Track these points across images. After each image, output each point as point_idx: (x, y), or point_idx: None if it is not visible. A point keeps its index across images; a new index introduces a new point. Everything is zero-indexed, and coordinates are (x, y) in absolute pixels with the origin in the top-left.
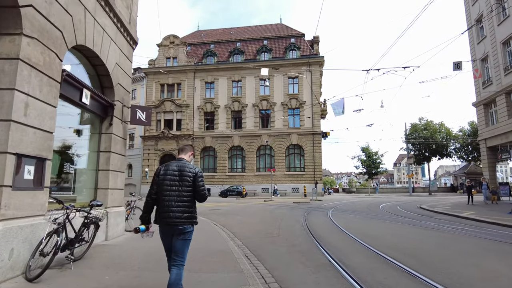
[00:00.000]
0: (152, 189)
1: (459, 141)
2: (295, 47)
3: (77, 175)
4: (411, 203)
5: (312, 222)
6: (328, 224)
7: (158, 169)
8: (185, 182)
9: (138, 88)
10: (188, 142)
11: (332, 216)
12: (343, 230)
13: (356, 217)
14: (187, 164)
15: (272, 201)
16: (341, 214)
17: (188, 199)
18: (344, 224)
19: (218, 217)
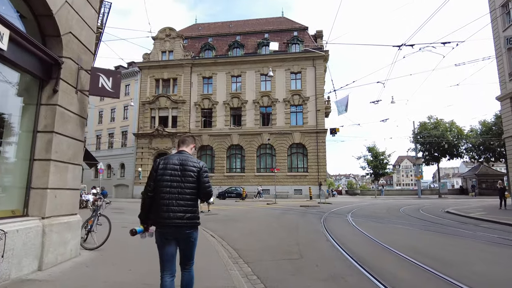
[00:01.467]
0: (149, 186)
1: (471, 140)
2: (298, 40)
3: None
4: (432, 207)
5: (337, 233)
6: (359, 236)
7: (156, 163)
8: (188, 177)
9: (132, 83)
10: (188, 134)
11: (357, 224)
12: (387, 247)
13: (385, 226)
14: (190, 157)
15: (276, 204)
16: (365, 221)
17: (191, 197)
18: (381, 237)
19: (216, 225)
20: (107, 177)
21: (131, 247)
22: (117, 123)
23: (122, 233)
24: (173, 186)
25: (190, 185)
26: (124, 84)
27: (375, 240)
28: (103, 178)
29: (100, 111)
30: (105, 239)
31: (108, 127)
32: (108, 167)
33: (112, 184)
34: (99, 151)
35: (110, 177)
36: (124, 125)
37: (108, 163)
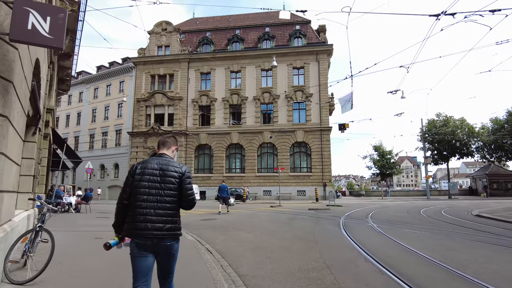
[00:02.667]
0: (125, 193)
1: (483, 138)
2: (300, 34)
3: None
4: (453, 209)
5: (371, 246)
6: (403, 251)
7: (132, 167)
8: (168, 184)
9: (126, 79)
10: (170, 134)
11: (386, 232)
12: (453, 270)
13: (422, 234)
14: (171, 161)
15: (281, 206)
16: (392, 227)
17: (171, 205)
18: (432, 252)
19: (214, 235)
20: (100, 178)
21: (89, 274)
22: (111, 121)
23: (89, 249)
24: (152, 194)
25: (171, 193)
26: (119, 81)
27: (429, 258)
28: (97, 179)
29: (93, 109)
30: (43, 266)
31: (102, 126)
32: (101, 167)
33: (105, 185)
34: (93, 151)
35: (103, 178)
36: (118, 123)
37: (102, 163)
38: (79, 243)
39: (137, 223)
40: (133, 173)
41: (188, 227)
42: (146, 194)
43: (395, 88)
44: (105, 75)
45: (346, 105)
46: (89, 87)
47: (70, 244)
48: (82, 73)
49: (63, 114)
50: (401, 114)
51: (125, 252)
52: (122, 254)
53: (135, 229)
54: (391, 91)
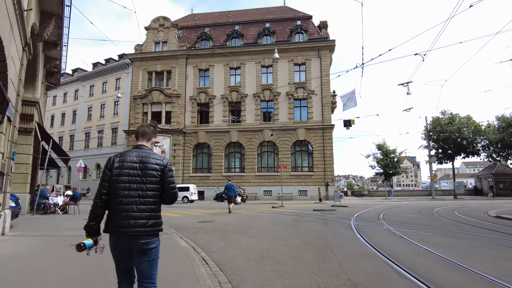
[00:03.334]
0: (103, 188)
1: (489, 137)
2: (302, 29)
3: None
4: (466, 209)
5: (401, 257)
6: (447, 266)
7: (109, 160)
8: (150, 177)
9: (122, 76)
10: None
11: (407, 236)
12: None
13: (453, 240)
14: (152, 153)
15: (283, 207)
16: (414, 231)
17: (154, 200)
18: (487, 266)
19: (211, 240)
20: (96, 177)
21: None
22: (107, 119)
23: (56, 260)
24: (132, 188)
25: (153, 186)
26: (115, 78)
27: (486, 276)
28: (93, 179)
29: (89, 107)
30: None
31: (98, 124)
32: (97, 166)
33: None
34: (88, 150)
35: (99, 178)
36: (114, 122)
37: (98, 163)
38: (47, 252)
39: (119, 220)
40: (110, 166)
41: (184, 230)
42: (127, 189)
43: (407, 79)
44: (101, 72)
45: (348, 102)
46: (84, 84)
47: (34, 254)
48: (77, 70)
49: (58, 112)
50: (410, 110)
51: (95, 268)
52: (92, 268)
53: (116, 226)
54: (403, 83)
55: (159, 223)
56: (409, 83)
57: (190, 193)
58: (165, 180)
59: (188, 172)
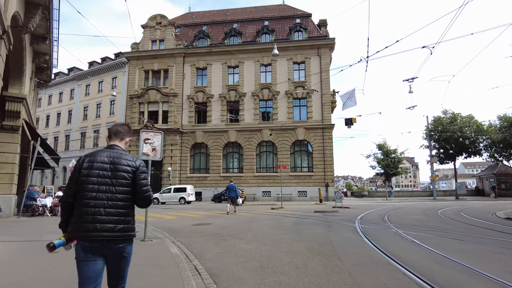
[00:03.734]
0: (70, 189)
1: (492, 136)
2: (301, 27)
3: None
4: (471, 210)
5: (420, 266)
6: (479, 279)
7: (79, 160)
8: (120, 179)
9: (119, 75)
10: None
11: (427, 243)
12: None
13: (472, 246)
14: (124, 154)
15: (283, 208)
16: (426, 235)
17: (124, 203)
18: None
19: (207, 245)
20: None
21: None
22: (103, 119)
23: (28, 269)
24: (101, 190)
25: (124, 189)
26: (111, 77)
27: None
28: None
29: (85, 107)
30: None
31: (94, 124)
32: None
33: None
34: (84, 150)
35: None
36: (110, 121)
37: None
38: (15, 262)
39: (84, 223)
40: (79, 167)
41: (177, 234)
42: (95, 191)
43: (412, 75)
44: (97, 71)
45: (347, 102)
46: (80, 83)
47: (4, 262)
48: (73, 69)
49: (54, 112)
50: (414, 107)
51: None
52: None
53: (81, 230)
54: (408, 79)
55: (129, 228)
56: (414, 79)
57: (187, 194)
58: (137, 183)
59: (186, 172)
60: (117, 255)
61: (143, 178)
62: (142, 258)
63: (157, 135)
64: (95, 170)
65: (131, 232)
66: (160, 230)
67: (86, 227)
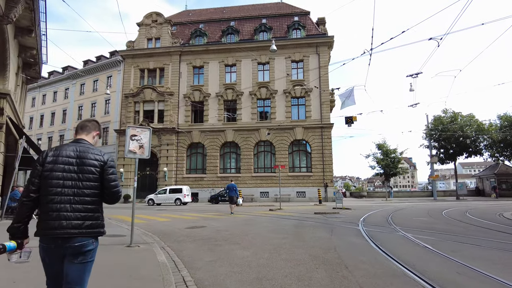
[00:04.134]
0: (32, 185)
1: (492, 136)
2: (299, 25)
3: None
4: (477, 211)
5: (443, 278)
6: None
7: (42, 154)
8: (87, 174)
9: (114, 74)
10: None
11: (443, 250)
12: None
13: (495, 253)
14: (91, 148)
15: (281, 210)
16: (437, 239)
17: (92, 199)
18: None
19: (198, 252)
20: None
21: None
22: (97, 118)
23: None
24: (67, 186)
25: (91, 184)
26: (106, 76)
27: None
28: None
29: (79, 106)
30: None
31: None
32: None
33: None
34: None
35: None
36: (105, 121)
37: None
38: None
39: (49, 221)
40: (42, 161)
41: (168, 238)
42: (60, 187)
43: (416, 70)
44: (92, 70)
45: (346, 101)
46: (75, 82)
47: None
48: (68, 68)
49: (48, 112)
50: (417, 105)
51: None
52: None
53: (47, 228)
54: (412, 74)
55: (98, 224)
56: (418, 74)
57: (183, 195)
58: (105, 178)
59: (182, 173)
60: (75, 254)
61: (111, 173)
62: (122, 268)
63: (144, 131)
64: (60, 165)
65: (100, 229)
66: (150, 234)
67: (51, 224)
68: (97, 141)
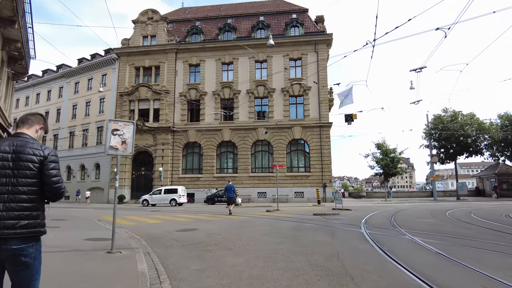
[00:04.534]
0: None
1: (494, 135)
2: (297, 23)
3: None
4: (482, 212)
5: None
6: None
7: None
8: (24, 170)
9: (109, 72)
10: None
11: (459, 257)
12: None
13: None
14: (30, 142)
15: (279, 211)
16: (453, 245)
17: (29, 197)
18: None
19: (185, 258)
20: (80, 179)
21: None
22: (92, 117)
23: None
24: (1, 183)
25: (28, 181)
26: (101, 74)
27: None
28: (77, 181)
29: (74, 105)
30: None
31: (83, 123)
32: (82, 167)
33: (86, 187)
34: (72, 150)
35: (84, 179)
36: (99, 120)
37: (82, 163)
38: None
39: None
40: None
41: (156, 242)
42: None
43: (421, 64)
44: (87, 68)
45: (345, 100)
46: (69, 81)
47: None
48: (62, 66)
49: (42, 111)
50: (419, 102)
51: None
52: None
53: None
54: (415, 68)
55: (37, 224)
56: (422, 68)
57: (178, 195)
58: (44, 173)
59: (178, 173)
60: (14, 259)
61: (52, 168)
62: (91, 281)
63: (128, 125)
64: None
65: (40, 228)
66: (137, 238)
67: None
68: (41, 135)
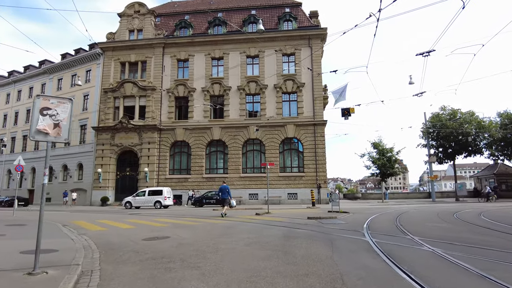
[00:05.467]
0: None
1: (493, 134)
2: (290, 16)
3: None
4: (491, 213)
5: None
6: None
7: None
8: None
9: (93, 68)
10: None
11: (502, 277)
12: None
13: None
14: None
15: (269, 213)
16: (486, 258)
17: None
18: None
19: (133, 282)
20: (63, 180)
21: None
22: (75, 115)
23: None
24: None
25: None
26: (85, 70)
27: None
28: (59, 182)
29: None
30: None
31: None
32: (64, 168)
33: (68, 188)
34: (55, 150)
35: (66, 180)
36: (83, 118)
37: (65, 164)
38: None
39: None
40: None
41: (110, 255)
42: None
43: (429, 47)
44: (70, 64)
45: (339, 98)
46: (52, 77)
47: None
48: (45, 62)
49: (23, 109)
50: (423, 94)
51: None
52: None
53: None
54: (422, 52)
55: None
56: (431, 52)
57: (164, 197)
58: None
59: (164, 173)
60: None
61: None
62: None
63: (63, 103)
64: None
65: None
66: (93, 248)
67: None
68: None
